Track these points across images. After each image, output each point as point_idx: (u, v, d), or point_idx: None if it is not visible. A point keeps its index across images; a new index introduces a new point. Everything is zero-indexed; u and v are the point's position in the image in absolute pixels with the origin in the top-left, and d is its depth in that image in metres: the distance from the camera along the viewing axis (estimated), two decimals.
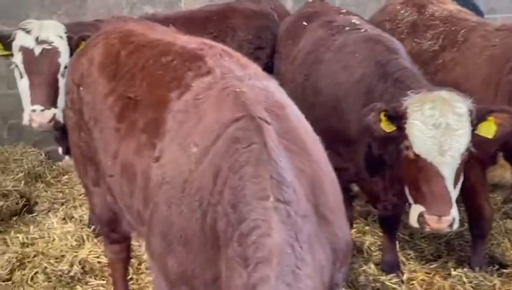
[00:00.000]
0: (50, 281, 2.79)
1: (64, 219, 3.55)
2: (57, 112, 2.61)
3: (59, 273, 2.82)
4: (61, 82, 2.64)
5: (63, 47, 2.62)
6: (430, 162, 2.02)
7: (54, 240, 3.22)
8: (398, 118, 2.11)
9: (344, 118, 2.53)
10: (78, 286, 2.77)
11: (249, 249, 1.00)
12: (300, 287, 0.98)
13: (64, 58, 2.63)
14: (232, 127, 1.22)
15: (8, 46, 2.65)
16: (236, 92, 1.32)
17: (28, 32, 2.58)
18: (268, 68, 3.30)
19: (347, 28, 2.89)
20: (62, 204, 3.92)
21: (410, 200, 2.21)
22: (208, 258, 1.21)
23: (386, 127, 2.11)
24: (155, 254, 1.45)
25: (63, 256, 3.00)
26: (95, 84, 1.91)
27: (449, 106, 2.03)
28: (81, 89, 2.00)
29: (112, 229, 2.22)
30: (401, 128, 2.11)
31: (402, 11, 3.49)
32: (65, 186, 4.24)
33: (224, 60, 1.62)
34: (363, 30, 2.85)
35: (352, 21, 3.01)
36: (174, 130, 1.43)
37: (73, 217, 3.61)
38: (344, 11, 3.46)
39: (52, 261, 2.93)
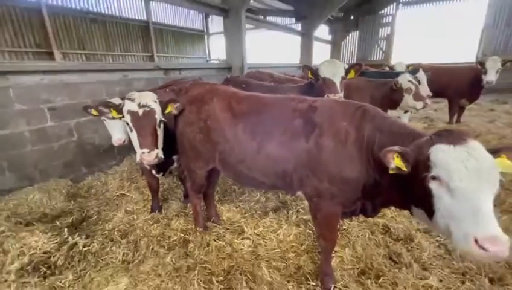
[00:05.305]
0: None
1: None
2: (159, 152, 3.40)
3: None
4: (159, 131, 3.45)
5: (157, 108, 3.43)
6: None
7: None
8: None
9: None
10: None
11: None
12: None
13: (158, 115, 3.42)
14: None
15: (119, 111, 3.45)
16: None
17: (133, 100, 3.41)
18: None
19: None
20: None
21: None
22: None
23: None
24: None
25: None
26: (221, 119, 3.24)
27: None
28: (209, 122, 3.31)
29: (203, 188, 3.86)
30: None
31: None
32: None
33: None
34: None
35: None
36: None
37: None
38: None
39: None
